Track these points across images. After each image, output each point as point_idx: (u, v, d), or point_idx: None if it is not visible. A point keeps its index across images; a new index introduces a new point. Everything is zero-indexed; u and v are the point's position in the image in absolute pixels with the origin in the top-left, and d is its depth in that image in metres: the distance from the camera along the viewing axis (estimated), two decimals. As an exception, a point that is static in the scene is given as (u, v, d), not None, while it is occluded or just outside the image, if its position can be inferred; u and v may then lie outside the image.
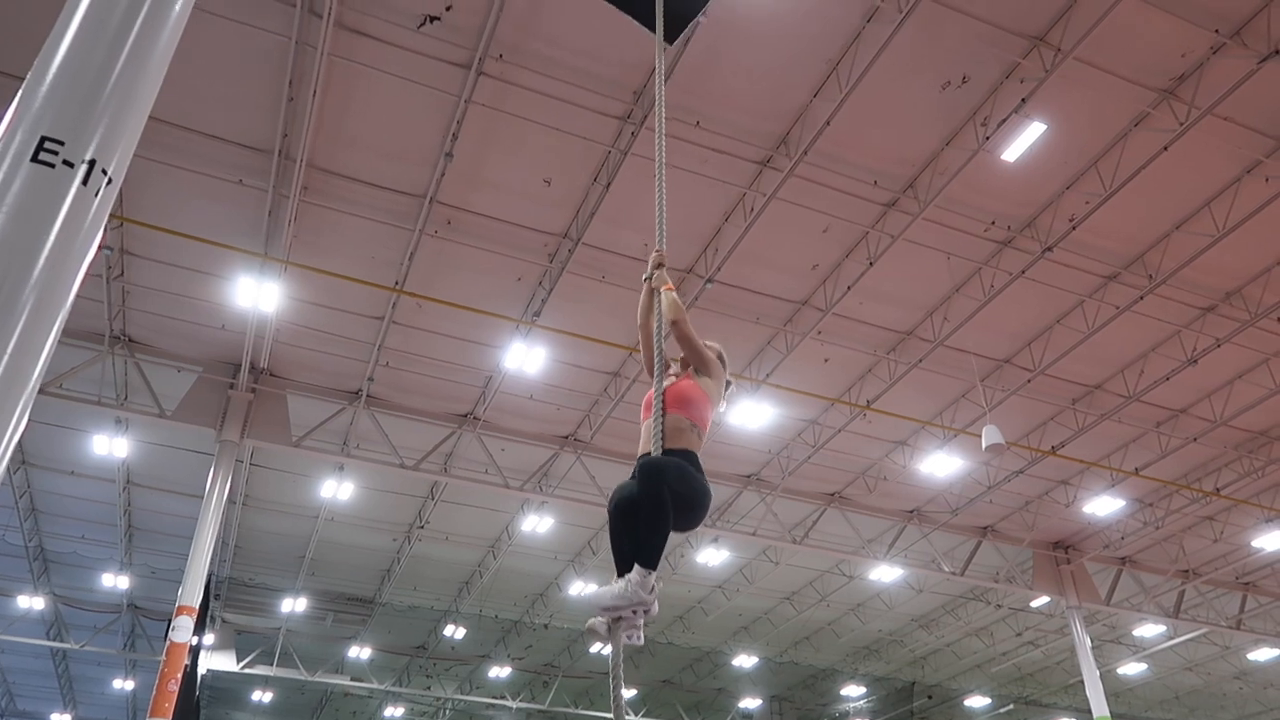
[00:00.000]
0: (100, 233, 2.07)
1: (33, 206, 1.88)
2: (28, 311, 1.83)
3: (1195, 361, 13.82)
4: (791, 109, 10.65)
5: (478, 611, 23.70)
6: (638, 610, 3.20)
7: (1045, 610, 22.90)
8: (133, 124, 2.16)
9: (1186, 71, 10.06)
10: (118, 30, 2.20)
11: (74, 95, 2.06)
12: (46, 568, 21.83)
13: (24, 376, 1.83)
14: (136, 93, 2.17)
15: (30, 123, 1.98)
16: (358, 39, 9.80)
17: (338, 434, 15.36)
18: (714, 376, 3.97)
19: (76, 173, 1.96)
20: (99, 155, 2.02)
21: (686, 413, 3.73)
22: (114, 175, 2.07)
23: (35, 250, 1.87)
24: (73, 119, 2.02)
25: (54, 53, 2.14)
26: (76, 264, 1.97)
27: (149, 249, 12.41)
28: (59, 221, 1.91)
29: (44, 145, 1.94)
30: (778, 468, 17.17)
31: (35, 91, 2.05)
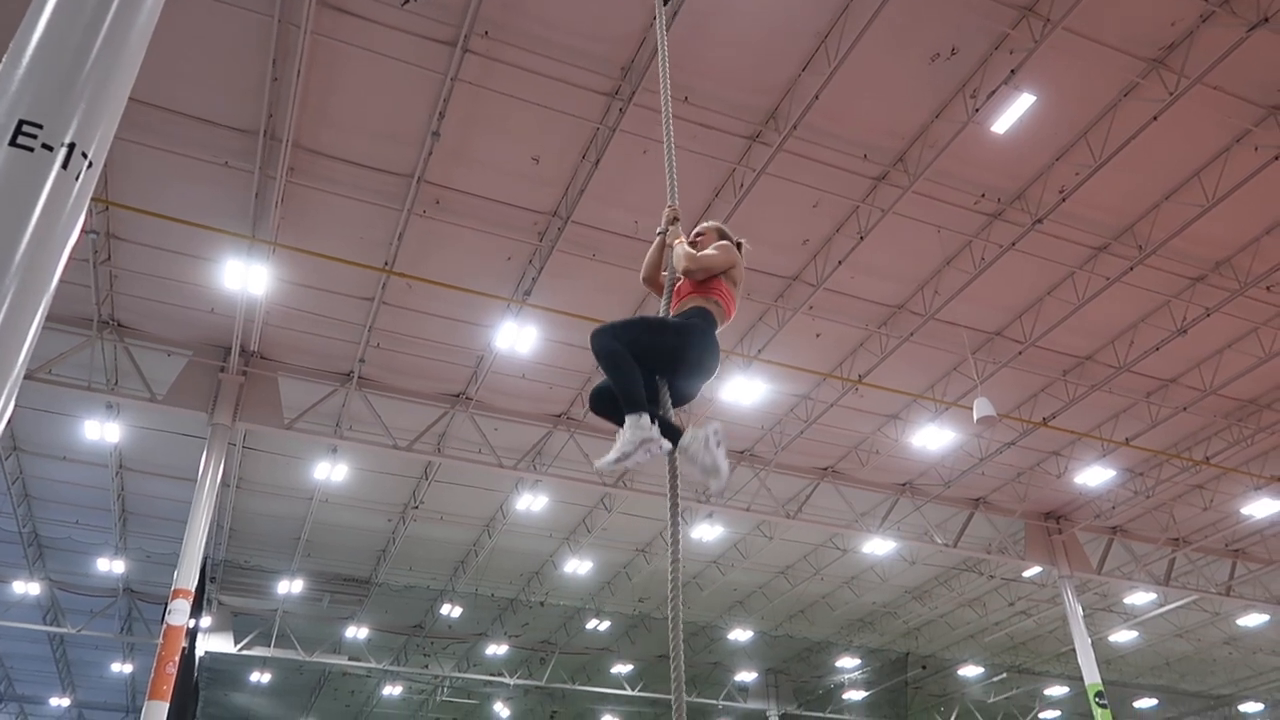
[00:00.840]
0: (82, 216, 2.05)
1: (12, 191, 1.86)
2: (10, 298, 1.82)
3: (1185, 331, 13.87)
4: (780, 83, 10.59)
5: (474, 590, 23.80)
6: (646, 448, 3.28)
7: (1037, 580, 23.09)
8: (112, 106, 2.13)
9: (1176, 40, 10.02)
10: (95, 10, 2.17)
11: (51, 77, 2.03)
12: (41, 553, 21.83)
13: (8, 363, 1.82)
14: (115, 74, 2.14)
15: (7, 106, 1.95)
16: (342, 17, 9.69)
17: (330, 416, 15.35)
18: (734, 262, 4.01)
19: (56, 156, 1.94)
20: (78, 138, 1.99)
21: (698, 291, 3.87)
22: (94, 158, 2.05)
23: (16, 236, 1.85)
24: (51, 102, 1.99)
25: (30, 34, 2.11)
26: (59, 248, 1.95)
27: (135, 233, 12.32)
28: (39, 206, 1.89)
29: (22, 129, 1.92)
30: (770, 443, 17.22)
31: (12, 74, 2.02)
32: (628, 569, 22.96)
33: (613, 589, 24.04)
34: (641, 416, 3.30)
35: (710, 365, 3.65)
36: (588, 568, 22.52)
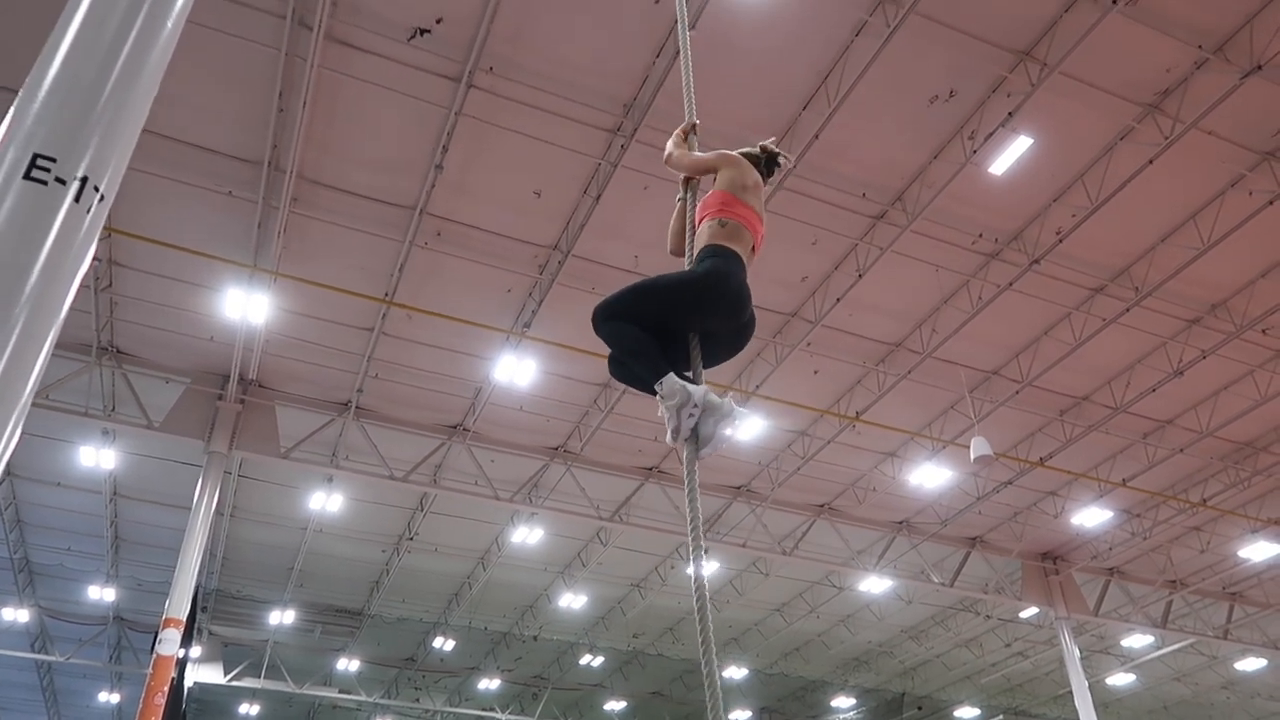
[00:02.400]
0: (93, 248, 2.08)
1: (25, 224, 1.89)
2: (19, 328, 1.84)
3: (1181, 373, 13.92)
4: (781, 121, 10.71)
5: (467, 623, 23.62)
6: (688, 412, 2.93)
7: (1034, 621, 22.95)
8: (125, 140, 2.17)
9: (1171, 86, 10.17)
10: (110, 47, 2.21)
11: (67, 112, 2.07)
12: (32, 579, 21.66)
13: (16, 392, 1.84)
14: (129, 109, 2.18)
15: (22, 140, 1.98)
16: (348, 51, 9.82)
17: (327, 445, 15.32)
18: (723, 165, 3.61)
19: (69, 190, 1.97)
20: (91, 172, 2.02)
21: (707, 215, 3.45)
22: (106, 192, 2.08)
23: (27, 268, 1.88)
24: (65, 136, 2.03)
25: (47, 70, 2.15)
26: (68, 280, 1.98)
27: (137, 260, 12.38)
28: (51, 239, 1.92)
29: (36, 163, 1.95)
30: (767, 479, 17.19)
31: (28, 109, 2.06)
32: (622, 604, 22.81)
33: (607, 624, 23.87)
34: (664, 382, 2.99)
35: (736, 310, 3.17)
36: (582, 602, 22.37)
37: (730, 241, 3.30)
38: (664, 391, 2.99)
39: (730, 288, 3.15)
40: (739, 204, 3.41)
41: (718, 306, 3.15)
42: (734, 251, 3.27)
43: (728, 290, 3.15)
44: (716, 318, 3.17)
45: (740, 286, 3.18)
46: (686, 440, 2.97)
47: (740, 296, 3.18)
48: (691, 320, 3.17)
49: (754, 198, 3.48)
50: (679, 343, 3.19)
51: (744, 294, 3.20)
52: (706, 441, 2.97)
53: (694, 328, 3.18)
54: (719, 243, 3.29)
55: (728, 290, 3.15)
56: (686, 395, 2.94)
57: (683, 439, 2.97)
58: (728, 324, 3.21)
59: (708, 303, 3.14)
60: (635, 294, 3.22)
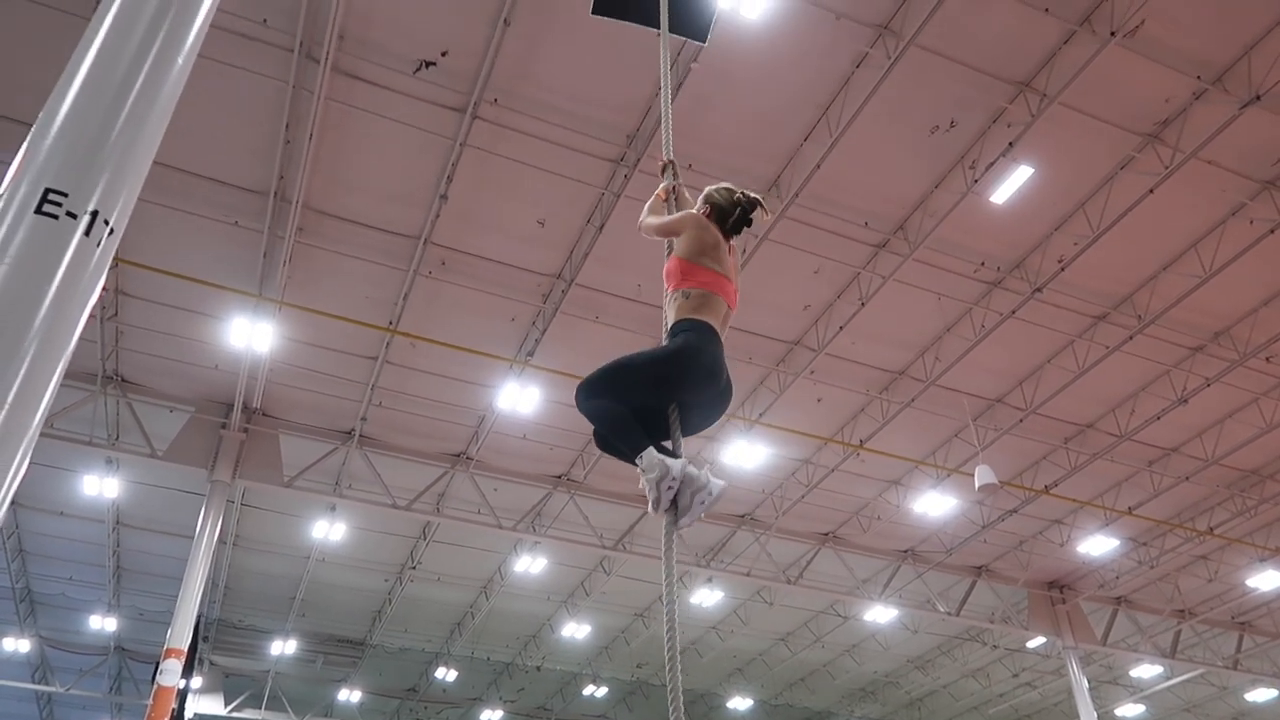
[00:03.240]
0: (102, 280, 2.11)
1: (36, 258, 1.92)
2: (29, 360, 1.86)
3: (1186, 401, 13.90)
4: (782, 152, 10.80)
5: (470, 653, 23.46)
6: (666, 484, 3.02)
7: (1041, 651, 22.76)
8: (135, 175, 2.21)
9: (1170, 116, 10.24)
10: (121, 83, 2.26)
11: (78, 147, 2.11)
12: (33, 609, 21.57)
13: (25, 423, 1.86)
14: (139, 144, 2.22)
15: (35, 174, 2.02)
16: (354, 83, 9.93)
17: (330, 474, 15.32)
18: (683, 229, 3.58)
19: (79, 224, 2.01)
20: (101, 206, 2.06)
21: (670, 286, 3.49)
22: (116, 225, 2.12)
23: (37, 300, 1.91)
24: (76, 171, 2.07)
25: (59, 105, 2.19)
26: (78, 313, 2.01)
27: (143, 289, 12.45)
28: (61, 272, 1.95)
29: (48, 197, 1.99)
30: (771, 507, 17.14)
31: (40, 144, 2.10)
32: (626, 634, 22.66)
33: (610, 654, 23.70)
34: (643, 456, 3.09)
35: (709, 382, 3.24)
36: (586, 632, 22.23)
37: (699, 313, 3.35)
38: (644, 466, 3.06)
39: (702, 363, 3.22)
40: (699, 270, 3.43)
41: (691, 381, 3.21)
42: (704, 323, 3.32)
43: (699, 365, 3.21)
44: (692, 391, 3.23)
45: (712, 360, 3.25)
46: (666, 511, 3.03)
47: (712, 370, 3.24)
48: (667, 395, 3.23)
49: (713, 259, 3.47)
50: (659, 414, 3.25)
51: (716, 366, 3.26)
52: (684, 512, 3.03)
53: (672, 400, 3.24)
54: (688, 316, 3.34)
55: (699, 365, 3.21)
56: (665, 469, 3.00)
57: (662, 510, 3.03)
58: (703, 395, 3.27)
59: (681, 378, 3.20)
60: (613, 372, 3.26)
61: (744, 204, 3.69)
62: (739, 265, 3.70)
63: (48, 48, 9.20)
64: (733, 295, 3.49)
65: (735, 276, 3.56)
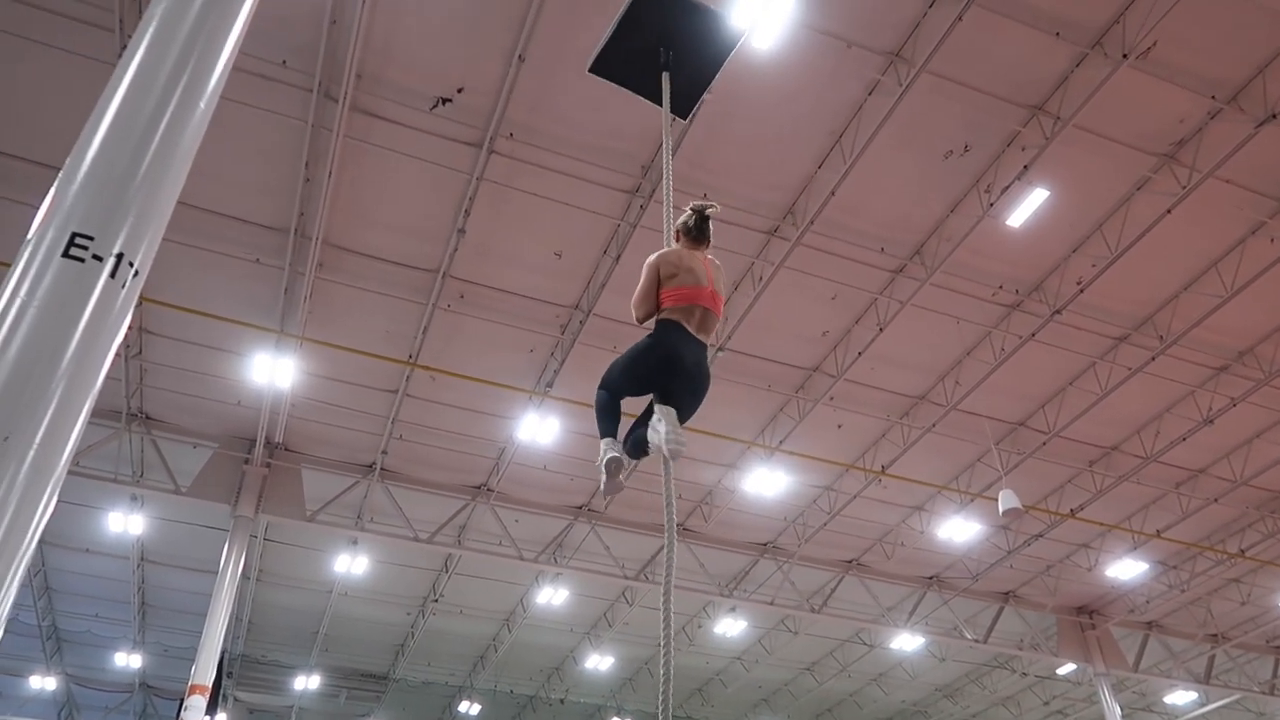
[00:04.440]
0: (127, 321, 2.16)
1: (63, 300, 1.97)
2: (57, 399, 1.91)
3: (1211, 421, 13.73)
4: (797, 179, 10.85)
5: (493, 687, 23.34)
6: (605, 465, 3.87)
7: (1072, 678, 22.38)
8: (159, 218, 2.26)
9: (1186, 136, 10.22)
10: (145, 129, 2.31)
11: (103, 192, 2.16)
12: (59, 647, 21.69)
13: (54, 460, 1.90)
14: (163, 188, 2.28)
15: (62, 219, 2.08)
16: (372, 121, 10.08)
17: (352, 508, 15.36)
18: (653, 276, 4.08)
19: (105, 266, 2.06)
20: (126, 249, 2.11)
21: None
22: (140, 267, 2.16)
23: (65, 341, 1.95)
24: (102, 215, 2.12)
25: (85, 151, 2.25)
26: (104, 353, 2.05)
27: (167, 327, 12.61)
28: (87, 313, 2.00)
29: (74, 241, 2.04)
30: (794, 535, 17.02)
31: (67, 189, 2.15)
32: (650, 665, 22.48)
33: (635, 686, 23.50)
34: (602, 441, 3.92)
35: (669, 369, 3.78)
36: (609, 663, 22.07)
37: (667, 314, 3.92)
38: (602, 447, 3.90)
39: (661, 353, 3.81)
40: (671, 291, 3.98)
41: (658, 368, 3.80)
42: (666, 320, 3.89)
43: (659, 356, 3.81)
44: (662, 379, 3.79)
45: (671, 349, 3.80)
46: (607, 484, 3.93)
47: (668, 358, 3.79)
48: (647, 384, 3.85)
49: (684, 276, 4.01)
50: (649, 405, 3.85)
51: (672, 355, 3.79)
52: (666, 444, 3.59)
53: (652, 390, 3.83)
54: (659, 318, 3.94)
55: (659, 356, 3.81)
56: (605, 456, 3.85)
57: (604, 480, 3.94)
58: (671, 383, 3.78)
59: (649, 367, 3.82)
60: (609, 372, 4.00)
61: (695, 210, 4.32)
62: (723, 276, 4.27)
63: (74, 94, 9.41)
64: (706, 296, 3.98)
65: (711, 278, 4.08)
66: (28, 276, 1.98)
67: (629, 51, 4.90)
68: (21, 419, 1.84)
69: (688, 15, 4.81)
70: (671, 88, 4.91)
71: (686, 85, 5.05)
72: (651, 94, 5.01)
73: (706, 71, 5.02)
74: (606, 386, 4.00)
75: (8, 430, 1.81)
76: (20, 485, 1.82)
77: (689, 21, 4.81)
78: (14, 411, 1.84)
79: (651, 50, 4.86)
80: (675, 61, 4.87)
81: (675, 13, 4.79)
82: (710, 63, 4.98)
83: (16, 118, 9.96)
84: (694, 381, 3.83)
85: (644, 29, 4.79)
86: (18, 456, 1.82)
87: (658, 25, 4.78)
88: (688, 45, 4.85)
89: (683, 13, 4.80)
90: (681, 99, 5.10)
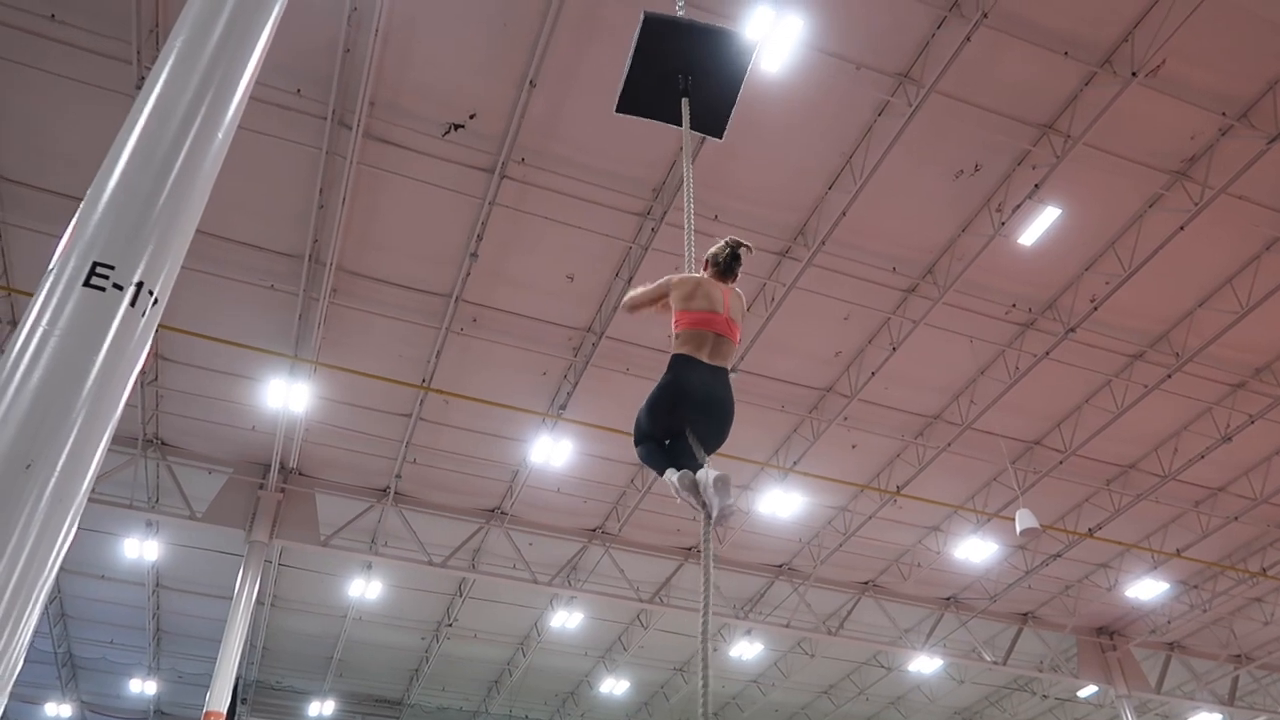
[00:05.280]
0: (147, 348, 2.18)
1: (85, 328, 2.00)
2: (78, 426, 1.92)
3: (1230, 439, 13.61)
4: (808, 200, 10.87)
5: (508, 711, 23.21)
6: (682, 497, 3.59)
7: (1094, 700, 22.09)
8: (178, 247, 2.29)
9: (1197, 153, 10.20)
10: (164, 160, 2.35)
11: (123, 222, 2.20)
12: (75, 674, 21.70)
13: (75, 486, 1.92)
14: (181, 218, 2.31)
15: (83, 249, 2.11)
16: (385, 148, 10.18)
17: (366, 532, 15.37)
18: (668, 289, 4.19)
19: (125, 295, 2.08)
20: (146, 278, 2.14)
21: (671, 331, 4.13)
22: (160, 295, 2.19)
23: (86, 369, 1.98)
24: (122, 244, 2.15)
25: (105, 183, 2.28)
26: (124, 380, 2.07)
27: (182, 353, 12.69)
28: (108, 342, 2.02)
29: (95, 270, 2.07)
30: (809, 557, 16.92)
31: (88, 219, 2.18)
32: (665, 688, 22.32)
33: (650, 710, 23.33)
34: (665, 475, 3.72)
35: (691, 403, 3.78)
36: (624, 687, 21.92)
37: (681, 348, 3.92)
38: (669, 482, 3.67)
39: (675, 390, 3.81)
40: (684, 314, 4.01)
41: (676, 405, 3.81)
42: (681, 356, 3.89)
43: (674, 393, 3.81)
44: (682, 415, 3.80)
45: (683, 386, 3.81)
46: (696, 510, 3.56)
47: (686, 392, 3.80)
48: (671, 422, 3.84)
49: (699, 300, 4.03)
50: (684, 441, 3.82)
51: (689, 389, 3.80)
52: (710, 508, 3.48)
53: (680, 426, 3.81)
54: (673, 353, 3.93)
55: (674, 393, 3.81)
56: (673, 485, 3.60)
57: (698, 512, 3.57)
58: (693, 414, 3.79)
59: (667, 406, 3.83)
60: (638, 421, 3.96)
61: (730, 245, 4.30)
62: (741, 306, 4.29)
63: (94, 125, 9.54)
64: (721, 323, 3.98)
65: (727, 307, 4.06)
66: (50, 305, 2.01)
67: (650, 84, 4.95)
68: (44, 446, 1.86)
69: (697, 38, 4.86)
70: (699, 109, 4.94)
71: (713, 104, 5.07)
72: (678, 122, 5.03)
73: (729, 88, 5.03)
74: (639, 441, 3.98)
75: (30, 458, 1.82)
76: (42, 512, 1.83)
77: (699, 44, 4.86)
78: (36, 439, 1.86)
79: (670, 78, 4.90)
80: (695, 85, 4.90)
81: (685, 38, 4.84)
82: (730, 80, 4.99)
83: (38, 150, 10.11)
84: (714, 412, 3.83)
85: (658, 60, 4.84)
86: (40, 483, 1.84)
87: (671, 54, 4.83)
88: (704, 67, 4.88)
89: (691, 36, 4.85)
90: (712, 119, 5.13)
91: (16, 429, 1.86)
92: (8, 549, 1.76)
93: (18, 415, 1.86)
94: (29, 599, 1.77)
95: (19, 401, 1.87)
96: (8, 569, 1.74)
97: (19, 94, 9.54)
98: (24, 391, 1.89)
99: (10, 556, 1.77)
